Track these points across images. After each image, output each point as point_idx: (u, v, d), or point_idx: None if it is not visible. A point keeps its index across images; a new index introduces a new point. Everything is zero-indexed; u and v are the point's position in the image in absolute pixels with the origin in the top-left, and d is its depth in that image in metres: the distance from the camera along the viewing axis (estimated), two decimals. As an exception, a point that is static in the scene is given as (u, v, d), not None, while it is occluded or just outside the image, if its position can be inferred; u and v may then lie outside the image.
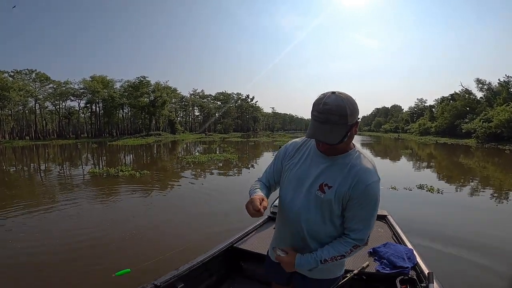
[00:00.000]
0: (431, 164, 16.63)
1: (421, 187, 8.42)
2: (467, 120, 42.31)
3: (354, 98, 1.14)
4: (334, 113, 1.08)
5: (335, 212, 1.23)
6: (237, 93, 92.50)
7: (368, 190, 1.16)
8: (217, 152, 21.79)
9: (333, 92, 1.12)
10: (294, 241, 1.33)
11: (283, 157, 1.41)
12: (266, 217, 3.22)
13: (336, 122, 1.09)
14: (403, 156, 20.50)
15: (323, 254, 1.23)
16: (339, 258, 1.23)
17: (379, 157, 20.25)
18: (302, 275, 1.37)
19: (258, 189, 1.35)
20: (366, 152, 1.27)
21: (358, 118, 1.16)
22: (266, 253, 1.61)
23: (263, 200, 1.23)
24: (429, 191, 8.04)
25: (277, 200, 1.43)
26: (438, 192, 7.89)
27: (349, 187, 1.17)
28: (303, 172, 1.29)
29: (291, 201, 1.30)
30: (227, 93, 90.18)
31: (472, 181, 10.45)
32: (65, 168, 14.98)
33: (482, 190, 8.90)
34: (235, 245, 2.66)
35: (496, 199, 7.79)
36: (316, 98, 1.15)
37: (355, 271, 2.06)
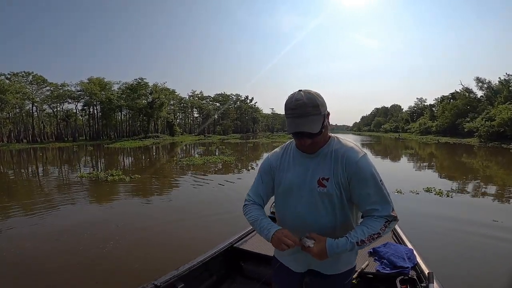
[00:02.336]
0: (436, 164, 16.09)
1: (428, 190, 7.87)
2: (468, 119, 41.80)
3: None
4: (307, 105, 1.13)
5: (343, 201, 1.22)
6: (236, 94, 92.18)
7: (360, 165, 1.17)
8: (216, 153, 21.29)
9: (300, 90, 1.18)
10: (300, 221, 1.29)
11: (269, 170, 1.38)
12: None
13: (311, 112, 1.14)
14: (406, 156, 20.00)
15: (358, 235, 1.14)
16: (375, 236, 1.15)
17: (379, 157, 19.82)
18: (317, 273, 1.32)
19: (265, 218, 1.30)
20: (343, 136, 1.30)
21: (328, 112, 1.22)
22: (265, 253, 1.66)
23: (291, 234, 1.21)
24: (438, 194, 7.49)
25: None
26: (448, 196, 7.34)
27: (342, 170, 1.19)
28: (295, 177, 1.27)
29: (294, 206, 1.28)
30: (226, 94, 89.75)
31: (481, 183, 9.87)
32: (55, 172, 14.42)
33: (494, 193, 8.34)
34: (235, 245, 2.65)
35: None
36: (286, 99, 1.19)
37: (356, 272, 2.06)
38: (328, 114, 1.22)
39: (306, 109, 1.14)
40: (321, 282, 1.32)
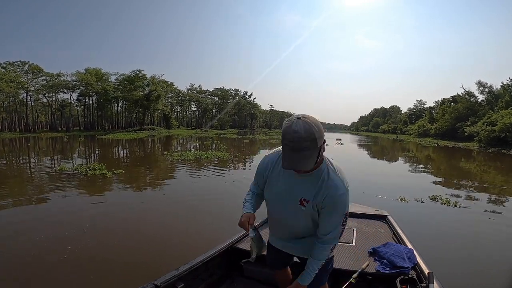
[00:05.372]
0: (438, 170, 15.50)
1: (434, 198, 7.22)
2: (469, 123, 41.29)
3: (316, 119, 1.24)
4: (305, 139, 1.16)
5: (315, 217, 1.43)
6: (235, 89, 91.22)
7: (336, 202, 1.33)
8: (213, 148, 20.60)
9: (299, 118, 1.20)
10: (284, 233, 1.62)
11: (263, 172, 1.53)
12: (266, 217, 3.08)
13: (308, 147, 1.17)
14: (406, 160, 19.40)
15: (316, 266, 1.43)
16: (327, 260, 1.48)
17: (375, 158, 19.33)
18: (299, 258, 1.65)
19: (248, 203, 1.56)
20: (335, 163, 1.39)
21: (324, 140, 1.25)
22: (266, 253, 1.77)
23: (249, 218, 1.47)
24: (445, 203, 6.84)
25: None
26: (455, 206, 6.70)
27: (321, 199, 1.34)
28: (283, 188, 1.43)
29: (279, 212, 1.52)
30: (225, 89, 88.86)
31: (488, 191, 9.20)
32: (35, 163, 13.66)
33: (504, 202, 7.76)
34: (235, 245, 2.62)
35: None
36: (284, 126, 1.23)
37: (356, 272, 2.10)
38: (324, 141, 1.25)
39: (303, 143, 1.16)
40: (302, 265, 1.53)
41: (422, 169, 14.66)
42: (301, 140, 1.15)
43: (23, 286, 3.30)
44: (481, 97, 48.98)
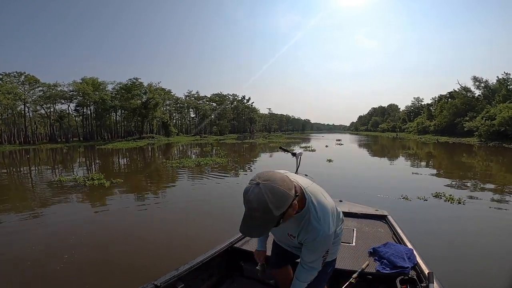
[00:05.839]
0: (440, 166, 15.39)
1: (437, 195, 7.13)
2: (467, 118, 41.30)
3: (285, 180, 1.20)
4: (257, 210, 1.14)
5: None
6: (233, 94, 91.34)
7: (315, 245, 1.40)
8: (213, 153, 20.53)
9: (258, 184, 1.16)
10: (286, 243, 1.74)
11: None
12: None
13: (260, 217, 1.16)
14: (407, 157, 19.30)
15: (302, 287, 1.51)
16: (326, 263, 1.55)
17: (376, 157, 19.28)
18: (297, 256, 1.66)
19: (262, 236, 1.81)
20: (320, 206, 1.37)
21: (297, 194, 1.24)
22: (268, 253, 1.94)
23: (259, 257, 1.90)
24: (448, 201, 6.75)
25: None
26: (459, 203, 6.61)
27: (303, 239, 1.44)
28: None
29: (280, 238, 1.76)
30: (223, 94, 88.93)
31: (492, 186, 9.13)
32: (34, 175, 13.56)
33: (509, 196, 7.65)
34: (235, 245, 2.63)
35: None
36: (245, 188, 1.20)
37: (356, 272, 2.12)
38: (292, 204, 1.21)
39: (255, 213, 1.15)
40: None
41: (424, 166, 14.56)
42: (253, 211, 1.15)
43: (23, 287, 3.35)
44: (477, 92, 49.10)
